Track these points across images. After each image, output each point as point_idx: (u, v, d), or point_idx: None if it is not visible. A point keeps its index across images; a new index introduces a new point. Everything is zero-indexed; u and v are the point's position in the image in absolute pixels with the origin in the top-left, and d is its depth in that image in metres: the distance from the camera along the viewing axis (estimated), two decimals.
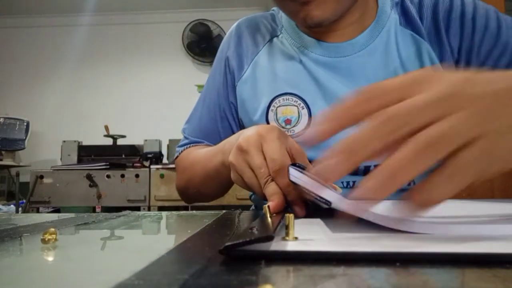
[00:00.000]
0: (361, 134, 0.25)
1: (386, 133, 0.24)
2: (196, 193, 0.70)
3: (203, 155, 0.66)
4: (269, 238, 0.21)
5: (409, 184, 0.59)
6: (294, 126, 0.65)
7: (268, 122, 0.67)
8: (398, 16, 0.65)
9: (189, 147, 0.75)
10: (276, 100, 0.67)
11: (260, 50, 0.72)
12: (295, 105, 0.66)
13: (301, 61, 0.67)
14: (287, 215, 0.24)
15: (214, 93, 0.75)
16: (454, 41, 0.63)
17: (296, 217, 0.38)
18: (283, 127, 0.66)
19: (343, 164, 0.25)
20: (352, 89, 0.63)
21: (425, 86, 0.25)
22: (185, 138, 0.77)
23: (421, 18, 0.64)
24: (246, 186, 0.46)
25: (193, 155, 0.71)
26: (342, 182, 0.64)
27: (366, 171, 0.62)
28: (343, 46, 0.65)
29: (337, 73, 0.65)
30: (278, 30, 0.73)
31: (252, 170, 0.44)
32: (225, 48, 0.76)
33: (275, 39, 0.72)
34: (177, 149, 0.77)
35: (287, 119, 0.66)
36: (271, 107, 0.67)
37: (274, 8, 0.76)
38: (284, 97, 0.66)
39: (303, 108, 0.65)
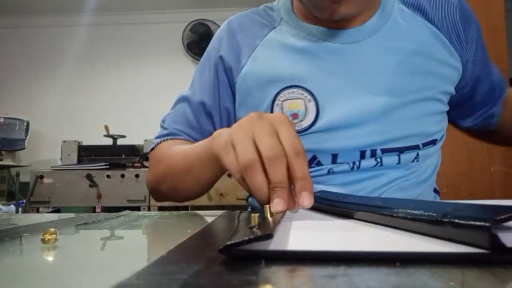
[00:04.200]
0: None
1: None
2: (171, 189, 0.65)
3: (183, 147, 0.62)
4: (268, 237, 0.21)
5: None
6: (301, 121, 0.63)
7: None
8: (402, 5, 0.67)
9: (168, 139, 0.70)
10: (282, 94, 0.64)
11: (258, 44, 0.68)
12: (301, 98, 0.63)
13: (306, 51, 0.65)
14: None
15: (201, 91, 0.71)
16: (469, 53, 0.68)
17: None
18: None
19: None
20: (364, 76, 0.62)
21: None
22: (164, 128, 0.72)
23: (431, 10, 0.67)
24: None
25: (171, 148, 0.66)
26: (349, 163, 0.63)
27: (362, 155, 0.63)
28: (352, 31, 0.64)
29: (347, 60, 0.63)
30: (276, 22, 0.69)
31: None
32: (215, 47, 0.72)
33: (272, 33, 0.69)
34: (154, 140, 0.72)
35: (294, 113, 0.64)
36: (276, 101, 0.65)
37: (267, 4, 0.74)
38: (290, 90, 0.64)
39: (309, 101, 0.63)
